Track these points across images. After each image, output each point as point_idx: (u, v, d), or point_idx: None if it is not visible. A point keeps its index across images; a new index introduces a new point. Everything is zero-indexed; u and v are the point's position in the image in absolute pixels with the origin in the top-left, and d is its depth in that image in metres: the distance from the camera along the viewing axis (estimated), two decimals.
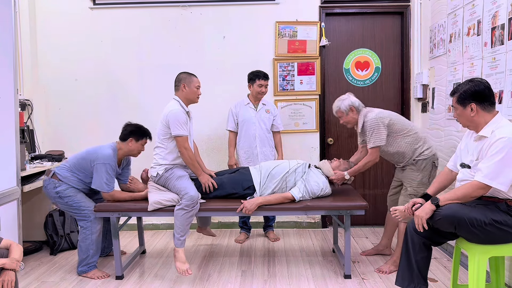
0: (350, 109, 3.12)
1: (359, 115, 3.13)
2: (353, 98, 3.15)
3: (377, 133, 3.00)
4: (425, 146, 3.06)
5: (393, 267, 3.07)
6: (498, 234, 2.11)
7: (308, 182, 3.10)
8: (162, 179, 3.09)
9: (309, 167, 3.21)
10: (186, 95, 3.10)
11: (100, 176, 3.03)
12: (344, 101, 3.13)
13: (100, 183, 3.03)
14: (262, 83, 3.70)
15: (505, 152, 2.06)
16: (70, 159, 3.18)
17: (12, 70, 3.06)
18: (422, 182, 3.05)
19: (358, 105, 3.13)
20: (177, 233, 2.96)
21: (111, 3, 4.22)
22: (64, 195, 3.07)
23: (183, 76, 3.12)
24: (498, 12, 2.67)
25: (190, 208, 2.92)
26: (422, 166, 3.05)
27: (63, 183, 3.09)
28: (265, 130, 3.79)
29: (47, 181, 3.14)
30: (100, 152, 3.06)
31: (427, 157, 3.04)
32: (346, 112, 3.13)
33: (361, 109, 3.15)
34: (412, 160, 3.07)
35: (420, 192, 3.04)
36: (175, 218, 2.96)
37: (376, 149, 3.04)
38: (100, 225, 3.11)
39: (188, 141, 3.06)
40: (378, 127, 3.00)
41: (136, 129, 3.16)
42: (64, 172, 3.12)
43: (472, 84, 2.21)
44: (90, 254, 3.07)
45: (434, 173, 3.09)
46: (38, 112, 4.20)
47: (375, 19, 4.26)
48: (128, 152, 3.18)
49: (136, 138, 3.14)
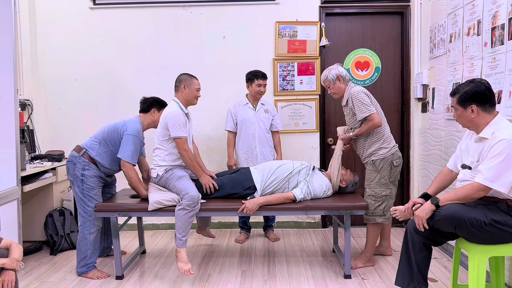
0: (338, 78, 3.13)
1: (346, 87, 3.15)
2: (341, 68, 3.16)
3: (363, 101, 3.01)
4: (384, 144, 3.08)
5: (360, 264, 3.17)
6: (498, 234, 2.11)
7: (311, 184, 3.10)
8: (162, 180, 3.09)
9: (313, 170, 3.22)
10: (185, 97, 3.10)
11: (129, 147, 3.03)
12: (331, 70, 3.15)
13: (127, 153, 3.02)
14: (260, 83, 3.69)
15: (505, 154, 2.06)
16: (98, 134, 3.17)
17: (12, 70, 3.06)
18: (381, 183, 3.08)
19: (345, 75, 3.15)
20: (178, 233, 2.96)
21: (111, 3, 4.22)
22: (87, 182, 3.05)
23: (184, 77, 3.12)
24: (498, 12, 2.67)
25: (191, 208, 2.92)
26: (379, 167, 3.08)
27: (91, 168, 3.07)
28: (264, 130, 3.79)
29: (77, 158, 3.08)
30: (129, 124, 3.10)
31: (384, 157, 3.07)
32: (333, 81, 3.14)
33: (348, 80, 3.16)
34: (369, 159, 3.10)
35: (379, 193, 3.08)
36: (176, 218, 2.96)
37: (372, 115, 3.00)
38: (98, 226, 3.11)
39: (187, 143, 3.06)
40: (363, 98, 3.02)
41: (157, 100, 3.25)
42: (96, 147, 3.10)
43: (473, 85, 2.20)
44: (88, 255, 3.07)
45: (395, 173, 3.12)
46: (38, 112, 4.20)
47: (375, 19, 4.26)
48: (152, 123, 3.23)
49: (158, 108, 3.22)
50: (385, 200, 3.09)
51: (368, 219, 3.14)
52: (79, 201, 3.09)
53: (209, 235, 3.53)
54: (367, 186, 3.14)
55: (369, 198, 3.11)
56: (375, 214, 3.10)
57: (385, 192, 3.09)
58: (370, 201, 3.10)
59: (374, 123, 3.03)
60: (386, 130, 3.14)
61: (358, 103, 3.03)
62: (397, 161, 3.11)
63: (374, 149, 3.10)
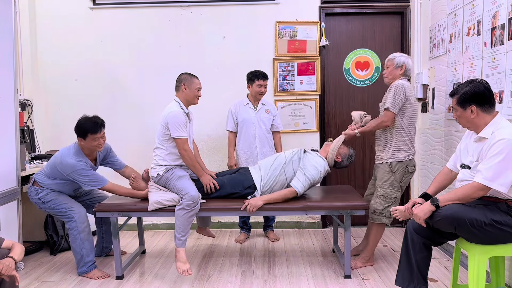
0: (402, 66, 3.10)
1: (400, 78, 3.11)
2: (410, 62, 3.14)
3: (398, 98, 2.99)
4: (406, 148, 3.07)
5: (360, 264, 3.16)
6: (498, 234, 2.11)
7: (306, 170, 3.07)
8: (162, 180, 3.09)
9: (304, 152, 3.20)
10: (186, 96, 3.09)
11: (82, 181, 3.04)
12: (402, 57, 3.12)
13: (89, 185, 3.06)
14: (261, 83, 3.69)
15: (505, 154, 2.06)
16: (46, 166, 3.17)
17: (12, 70, 3.06)
18: (393, 185, 3.08)
19: (408, 69, 3.12)
20: (178, 233, 2.96)
21: (111, 3, 4.22)
22: (46, 200, 3.09)
23: (184, 77, 3.11)
24: (498, 12, 2.67)
25: (191, 208, 2.92)
26: (395, 169, 3.07)
27: (44, 189, 3.10)
28: (264, 130, 3.79)
29: (29, 189, 3.15)
30: (64, 164, 3.01)
31: (402, 160, 3.06)
32: (397, 65, 3.10)
33: (407, 75, 3.14)
34: (387, 160, 3.09)
35: (390, 195, 3.07)
36: (176, 218, 2.96)
37: (390, 113, 3.01)
38: (85, 224, 3.10)
39: (187, 143, 3.06)
40: (400, 94, 2.99)
41: (78, 126, 3.01)
42: (44, 179, 3.13)
43: (472, 86, 2.20)
44: (84, 254, 3.07)
45: (407, 179, 3.11)
46: (38, 112, 4.21)
47: (375, 19, 4.26)
48: (89, 148, 3.07)
49: (83, 137, 3.01)
50: (394, 202, 3.08)
51: (375, 219, 3.12)
52: (57, 215, 3.17)
53: (209, 234, 3.53)
54: (379, 186, 3.11)
55: (379, 198, 3.09)
56: (382, 214, 3.09)
57: (395, 194, 3.08)
58: (380, 200, 3.08)
59: (384, 120, 3.03)
60: (413, 135, 3.11)
61: (392, 94, 3.01)
62: (412, 169, 3.11)
63: (395, 148, 3.06)
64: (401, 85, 3.01)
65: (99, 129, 3.02)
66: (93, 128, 2.99)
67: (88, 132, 2.99)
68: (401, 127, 3.06)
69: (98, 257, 3.45)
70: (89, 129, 2.99)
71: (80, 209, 3.13)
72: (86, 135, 3.00)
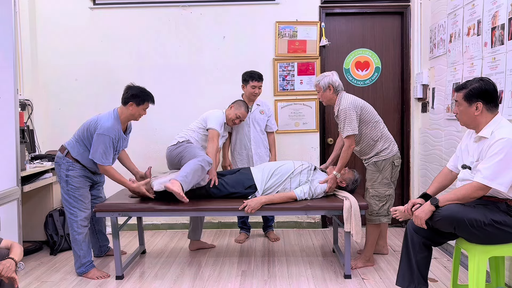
0: (329, 87, 3.12)
1: (337, 97, 3.14)
2: (335, 78, 3.15)
3: (349, 121, 3.01)
4: (385, 145, 3.09)
5: (360, 264, 3.17)
6: (498, 234, 2.11)
7: (312, 184, 3.12)
8: (181, 147, 3.20)
9: (314, 170, 3.23)
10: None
11: (98, 148, 2.93)
12: (325, 77, 3.14)
13: (97, 155, 2.94)
14: (255, 85, 3.66)
15: (504, 153, 2.06)
16: (77, 133, 3.11)
17: (12, 70, 3.06)
18: (383, 183, 3.09)
19: (337, 86, 3.14)
20: (182, 171, 2.99)
21: (111, 3, 4.22)
22: (71, 183, 3.02)
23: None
24: (498, 12, 2.67)
25: (204, 164, 3.03)
26: (381, 167, 3.09)
27: (75, 168, 3.03)
28: (259, 131, 3.77)
29: (61, 159, 3.05)
30: (100, 122, 2.97)
31: (385, 158, 3.08)
32: (324, 88, 3.14)
33: (339, 91, 3.15)
34: (371, 160, 3.11)
35: (382, 193, 3.08)
36: (185, 165, 3.02)
37: (351, 137, 3.05)
38: (85, 227, 3.08)
39: (218, 138, 3.39)
40: (350, 115, 3.01)
41: (137, 93, 3.02)
42: (76, 146, 3.04)
43: (483, 83, 2.19)
44: (81, 255, 3.06)
45: (396, 172, 3.14)
46: (38, 112, 4.20)
47: (375, 19, 4.26)
48: (129, 116, 3.07)
49: (137, 103, 3.01)
50: (388, 199, 3.10)
51: (373, 220, 3.13)
52: (65, 202, 3.07)
53: (205, 246, 3.61)
54: (370, 187, 3.13)
55: (373, 198, 3.11)
56: (380, 214, 3.10)
57: (388, 191, 3.10)
58: (374, 201, 3.10)
59: (350, 145, 3.05)
60: (385, 130, 3.15)
61: (343, 120, 3.03)
62: (398, 161, 3.13)
63: (377, 151, 3.10)
64: (345, 108, 3.02)
65: (153, 101, 3.12)
66: (152, 99, 3.09)
67: (146, 101, 3.04)
68: (369, 133, 3.10)
69: (98, 257, 3.46)
70: (150, 98, 3.07)
71: (87, 211, 3.10)
72: (144, 102, 3.03)
